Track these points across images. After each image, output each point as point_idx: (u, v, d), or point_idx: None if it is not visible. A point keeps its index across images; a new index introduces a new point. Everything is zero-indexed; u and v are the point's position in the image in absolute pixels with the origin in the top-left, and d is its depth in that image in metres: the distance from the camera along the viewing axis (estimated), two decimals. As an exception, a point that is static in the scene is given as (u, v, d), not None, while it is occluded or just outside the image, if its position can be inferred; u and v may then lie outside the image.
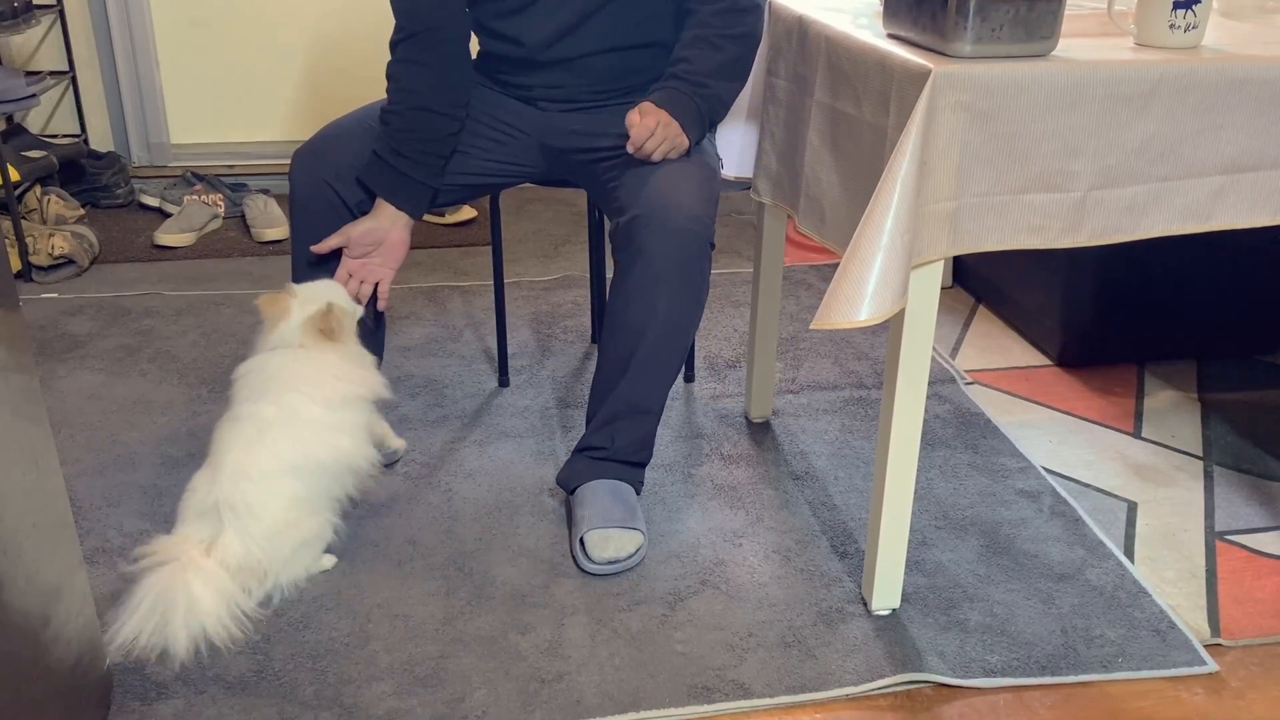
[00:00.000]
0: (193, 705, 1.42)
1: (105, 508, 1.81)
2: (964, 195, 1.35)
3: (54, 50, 3.24)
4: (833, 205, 1.54)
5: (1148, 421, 2.13)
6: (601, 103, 1.83)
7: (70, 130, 3.33)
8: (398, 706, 1.42)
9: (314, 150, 1.78)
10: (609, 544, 1.67)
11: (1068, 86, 1.31)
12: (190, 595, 1.46)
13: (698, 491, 1.89)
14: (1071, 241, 1.40)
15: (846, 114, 1.48)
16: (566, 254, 2.94)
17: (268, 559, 1.54)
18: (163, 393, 2.18)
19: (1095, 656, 1.52)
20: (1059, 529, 1.80)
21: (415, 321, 2.52)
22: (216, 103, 3.47)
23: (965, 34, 1.29)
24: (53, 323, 2.48)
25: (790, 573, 1.69)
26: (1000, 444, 2.04)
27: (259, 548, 1.53)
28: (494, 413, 2.13)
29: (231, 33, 3.39)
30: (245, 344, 2.37)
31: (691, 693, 1.45)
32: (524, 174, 1.91)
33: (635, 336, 1.66)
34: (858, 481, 1.92)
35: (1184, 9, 1.38)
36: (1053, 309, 2.34)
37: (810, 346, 2.42)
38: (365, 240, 1.75)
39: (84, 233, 2.79)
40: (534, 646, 1.53)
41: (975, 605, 1.62)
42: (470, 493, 1.87)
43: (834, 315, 1.31)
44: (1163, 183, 1.40)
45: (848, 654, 1.52)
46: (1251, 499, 1.89)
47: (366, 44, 3.43)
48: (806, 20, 1.61)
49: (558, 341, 2.43)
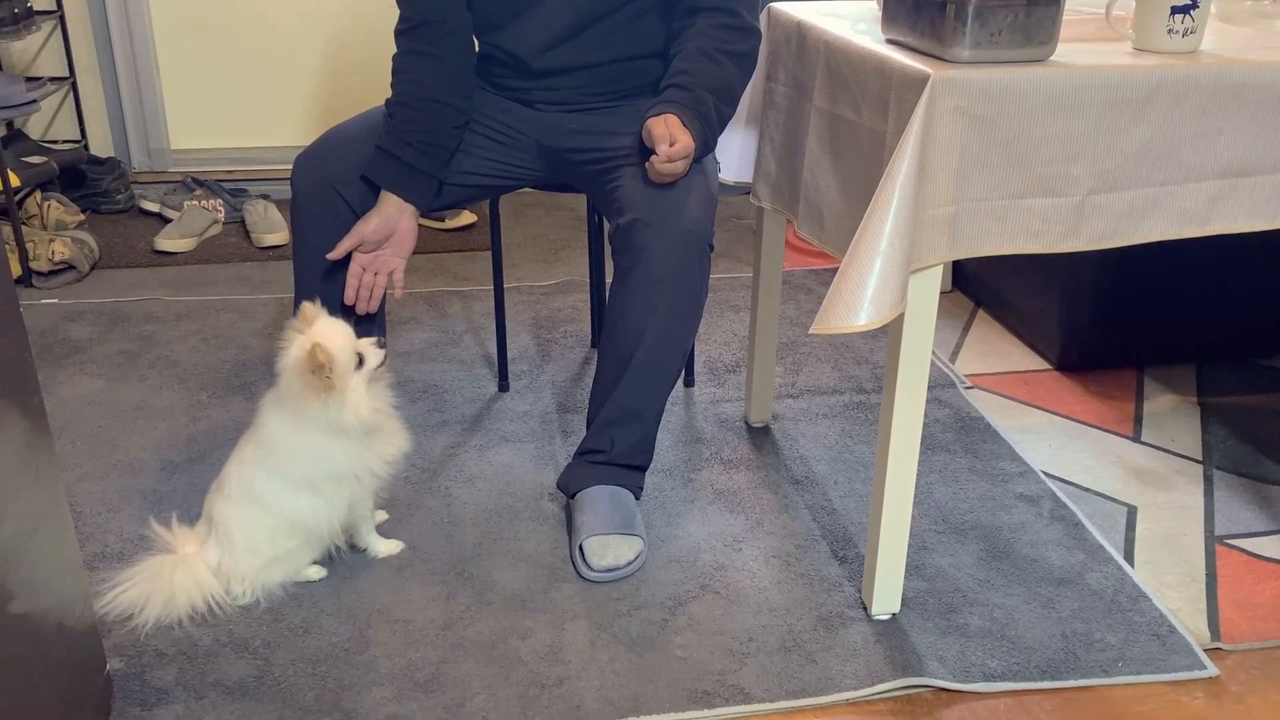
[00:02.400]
0: (193, 710, 1.42)
1: (105, 513, 1.81)
2: (963, 200, 1.35)
3: (54, 56, 3.24)
4: (832, 210, 1.54)
5: (1147, 425, 2.13)
6: (600, 105, 1.83)
7: (71, 136, 3.33)
8: (398, 712, 1.42)
9: (317, 155, 1.78)
10: (608, 551, 1.67)
11: (1066, 91, 1.31)
12: (172, 584, 1.56)
13: (697, 496, 1.89)
14: (1070, 246, 1.40)
15: (845, 119, 1.48)
16: (566, 259, 2.94)
17: (239, 570, 1.59)
18: (163, 398, 2.18)
19: (1095, 661, 1.52)
20: (1059, 533, 1.80)
21: (415, 326, 2.52)
22: (217, 108, 3.47)
23: (964, 39, 1.29)
24: (53, 328, 2.48)
25: (790, 577, 1.69)
26: (1000, 448, 2.04)
27: (231, 559, 1.59)
28: (494, 417, 2.13)
29: (232, 38, 3.39)
30: (245, 349, 2.38)
31: (691, 698, 1.45)
32: (524, 177, 1.91)
33: (634, 339, 1.66)
34: (857, 486, 1.93)
35: (1182, 14, 1.38)
36: (1052, 313, 2.34)
37: (810, 351, 2.42)
38: (377, 236, 1.75)
39: (84, 238, 2.80)
40: (534, 651, 1.53)
41: (975, 609, 1.62)
42: (470, 498, 1.87)
43: (833, 319, 1.31)
44: (1161, 187, 1.40)
45: (848, 658, 1.52)
46: (1251, 503, 1.89)
47: (367, 49, 3.43)
48: (805, 26, 1.61)
49: (558, 346, 2.43)
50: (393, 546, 1.72)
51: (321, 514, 1.59)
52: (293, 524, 1.58)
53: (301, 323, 1.54)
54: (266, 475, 1.56)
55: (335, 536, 1.63)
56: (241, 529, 1.57)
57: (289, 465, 1.56)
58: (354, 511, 1.65)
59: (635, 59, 1.79)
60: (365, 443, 1.57)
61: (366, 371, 1.56)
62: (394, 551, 1.72)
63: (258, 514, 1.57)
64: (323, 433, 1.53)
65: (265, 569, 1.60)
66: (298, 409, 1.52)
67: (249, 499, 1.57)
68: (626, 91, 1.83)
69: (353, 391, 1.53)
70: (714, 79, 1.67)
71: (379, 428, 1.59)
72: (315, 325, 1.54)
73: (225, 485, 1.60)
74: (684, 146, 1.58)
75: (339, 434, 1.53)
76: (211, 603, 1.58)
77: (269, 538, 1.58)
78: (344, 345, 1.52)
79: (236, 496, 1.57)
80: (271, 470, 1.56)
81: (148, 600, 1.55)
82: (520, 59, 1.79)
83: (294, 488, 1.56)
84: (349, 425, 1.52)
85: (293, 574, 1.64)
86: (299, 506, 1.57)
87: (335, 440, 1.54)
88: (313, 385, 1.49)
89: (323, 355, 1.47)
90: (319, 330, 1.53)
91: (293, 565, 1.63)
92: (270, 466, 1.56)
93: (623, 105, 1.82)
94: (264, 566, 1.59)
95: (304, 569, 1.65)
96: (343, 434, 1.53)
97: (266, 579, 1.61)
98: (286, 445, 1.55)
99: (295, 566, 1.63)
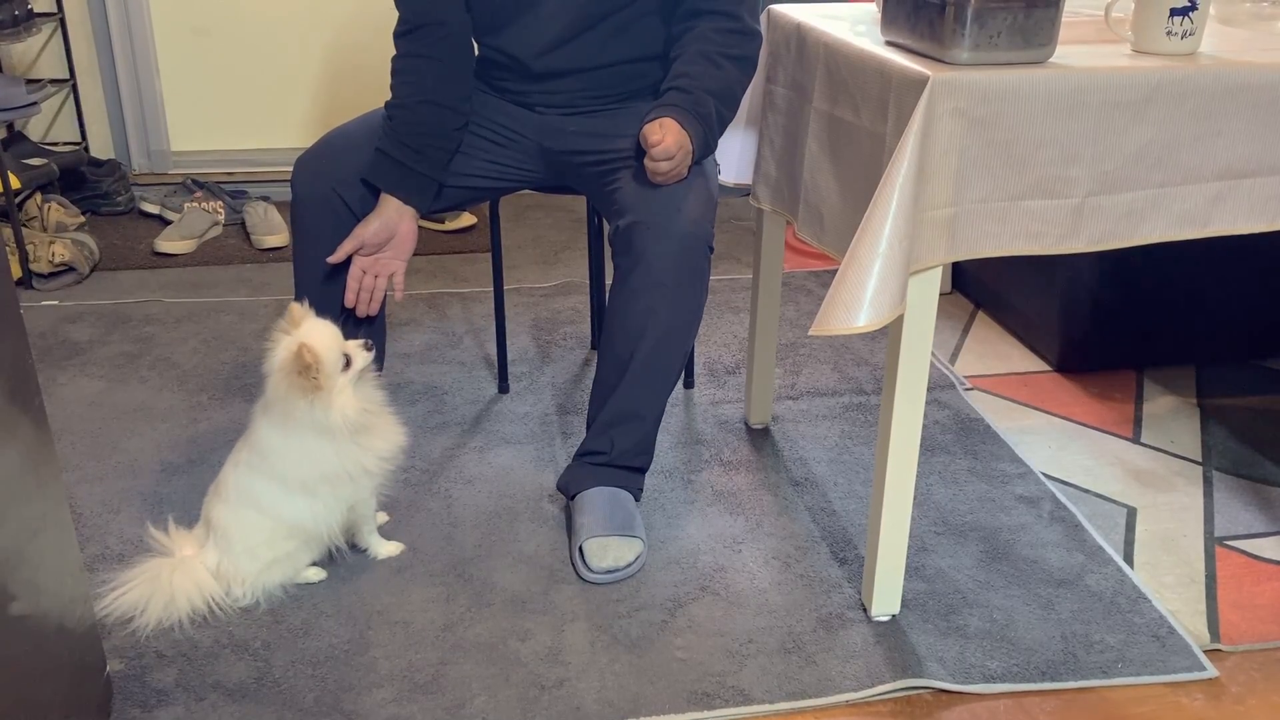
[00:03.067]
0: (193, 712, 1.42)
1: (106, 514, 1.81)
2: (962, 201, 1.35)
3: (55, 58, 3.25)
4: (831, 211, 1.54)
5: (1147, 427, 2.14)
6: (599, 107, 1.83)
7: (71, 138, 3.33)
8: (398, 713, 1.42)
9: (317, 157, 1.78)
10: (608, 552, 1.67)
11: (1065, 93, 1.31)
12: (172, 587, 1.57)
13: (697, 497, 1.89)
14: (1070, 247, 1.41)
15: (845, 121, 1.48)
16: (566, 260, 2.94)
17: (237, 572, 1.59)
18: (163, 400, 2.19)
19: (1095, 662, 1.52)
20: (1058, 534, 1.80)
21: (415, 328, 2.52)
22: (217, 110, 3.47)
23: (963, 41, 1.29)
24: (53, 330, 2.48)
25: (790, 579, 1.69)
26: (999, 449, 2.04)
27: (230, 562, 1.59)
28: (494, 419, 2.13)
29: (232, 40, 3.39)
30: (245, 351, 2.38)
31: (691, 699, 1.45)
32: (524, 179, 1.91)
33: (634, 340, 1.66)
34: (857, 487, 1.93)
35: (1181, 16, 1.38)
36: (1051, 314, 2.34)
37: (810, 352, 2.42)
38: (378, 239, 1.75)
39: (84, 240, 2.80)
40: (534, 653, 1.53)
41: (975, 611, 1.62)
42: (470, 499, 1.87)
43: (833, 321, 1.32)
44: (1160, 189, 1.40)
45: (847, 660, 1.52)
46: (1251, 504, 1.89)
47: (367, 52, 3.44)
48: (805, 27, 1.61)
49: (557, 348, 2.43)
50: (393, 548, 1.72)
51: (320, 516, 1.58)
52: (291, 527, 1.58)
53: (289, 323, 1.54)
54: (263, 480, 1.56)
55: (335, 538, 1.63)
56: (240, 533, 1.57)
57: (282, 469, 1.55)
58: (355, 512, 1.65)
59: (635, 61, 1.79)
60: (357, 441, 1.56)
61: (353, 373, 1.55)
62: (394, 553, 1.72)
63: (255, 518, 1.57)
64: (312, 434, 1.52)
65: (265, 571, 1.60)
66: (285, 411, 1.52)
67: (246, 503, 1.57)
68: (626, 94, 1.83)
69: (339, 393, 1.52)
70: (715, 82, 1.67)
71: (369, 427, 1.58)
72: (302, 326, 1.53)
73: (223, 489, 1.60)
74: (673, 142, 1.59)
75: (328, 435, 1.53)
76: (212, 605, 1.58)
77: (268, 541, 1.58)
78: (331, 346, 1.52)
79: (234, 501, 1.58)
80: (267, 475, 1.56)
81: (148, 603, 1.55)
82: (520, 61, 1.79)
83: (289, 491, 1.56)
84: (336, 426, 1.52)
85: (292, 575, 1.64)
86: (296, 510, 1.57)
87: (325, 441, 1.53)
88: (299, 386, 1.48)
89: (309, 355, 1.46)
90: (306, 331, 1.52)
91: (292, 567, 1.63)
92: (265, 471, 1.56)
93: (623, 108, 1.82)
94: (264, 569, 1.60)
95: (303, 570, 1.65)
96: (331, 435, 1.53)
97: (266, 580, 1.61)
98: (277, 449, 1.55)
99: (295, 568, 1.64)
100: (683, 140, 1.61)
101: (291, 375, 1.48)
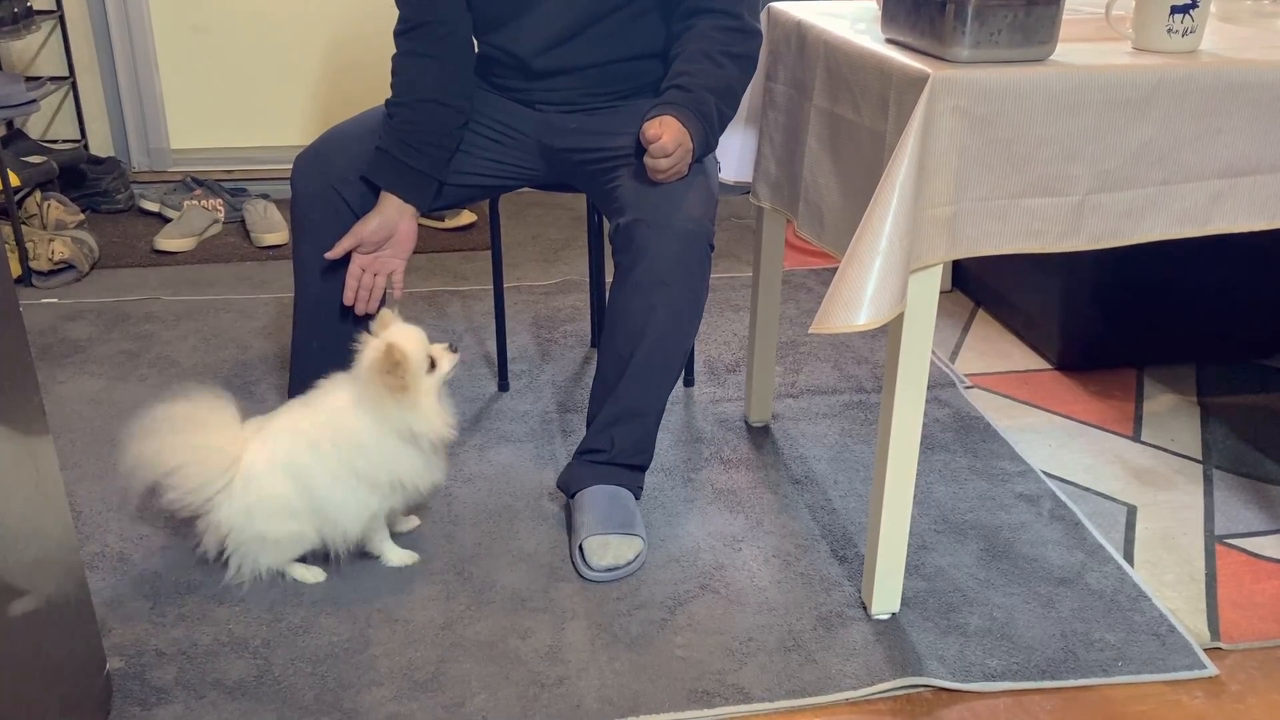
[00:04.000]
0: (192, 709, 1.42)
1: (105, 512, 1.81)
2: (962, 199, 1.35)
3: (54, 55, 3.25)
4: (831, 209, 1.54)
5: (1147, 425, 2.13)
6: (600, 105, 1.83)
7: (70, 135, 3.33)
8: (398, 711, 1.42)
9: (317, 154, 1.78)
10: (608, 551, 1.67)
11: (1066, 91, 1.31)
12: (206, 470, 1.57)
13: (697, 496, 1.89)
14: (1070, 245, 1.40)
15: (845, 119, 1.48)
16: (566, 258, 2.94)
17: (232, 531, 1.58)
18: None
19: (1095, 660, 1.52)
20: (1059, 533, 1.80)
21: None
22: (216, 108, 3.47)
23: (963, 39, 1.29)
24: (53, 328, 2.48)
25: (790, 577, 1.69)
26: (1000, 448, 2.04)
27: (227, 517, 1.57)
28: (494, 417, 2.13)
29: (231, 38, 3.39)
30: (245, 348, 2.38)
31: (691, 697, 1.45)
32: (524, 177, 1.91)
33: (634, 339, 1.66)
34: (857, 485, 1.93)
35: (1182, 13, 1.38)
36: (1052, 313, 2.34)
37: (810, 350, 2.42)
38: (377, 237, 1.75)
39: (84, 238, 2.80)
40: (534, 651, 1.53)
41: (975, 609, 1.62)
42: (470, 497, 1.87)
43: (833, 319, 1.31)
44: (1161, 187, 1.40)
45: (847, 658, 1.52)
46: (1251, 502, 1.89)
47: (366, 49, 3.43)
48: (805, 25, 1.61)
49: (557, 346, 2.43)
50: (407, 557, 1.70)
51: (345, 511, 1.59)
52: (310, 509, 1.58)
53: (378, 327, 1.59)
54: (330, 463, 1.56)
55: (336, 542, 1.62)
56: (250, 492, 1.56)
57: (351, 456, 1.56)
58: (376, 519, 1.65)
59: (635, 59, 1.79)
60: (426, 458, 1.60)
61: (439, 375, 1.59)
62: (408, 562, 1.70)
63: (284, 482, 1.56)
64: (398, 439, 1.57)
65: (252, 545, 1.59)
66: (377, 410, 1.55)
67: (286, 469, 1.56)
68: (627, 92, 1.83)
69: (426, 395, 1.57)
70: (715, 80, 1.67)
71: (442, 447, 1.62)
72: (390, 329, 1.58)
73: (271, 442, 1.58)
74: (672, 140, 1.59)
75: (412, 442, 1.57)
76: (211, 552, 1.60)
77: (277, 510, 1.57)
78: (417, 348, 1.57)
79: (280, 466, 1.57)
80: (325, 453, 1.56)
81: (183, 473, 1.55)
82: (520, 59, 1.79)
83: (336, 477, 1.57)
84: (422, 434, 1.56)
85: (276, 563, 1.63)
86: (330, 496, 1.57)
87: (407, 448, 1.58)
88: (387, 385, 1.52)
89: (397, 354, 1.51)
90: (394, 333, 1.57)
91: (279, 554, 1.62)
92: (337, 457, 1.56)
93: (623, 106, 1.82)
94: (250, 542, 1.58)
95: (289, 563, 1.64)
96: (415, 443, 1.57)
97: (252, 558, 1.60)
98: (369, 446, 1.56)
99: (281, 557, 1.63)
100: (682, 138, 1.61)
101: (380, 374, 1.53)
